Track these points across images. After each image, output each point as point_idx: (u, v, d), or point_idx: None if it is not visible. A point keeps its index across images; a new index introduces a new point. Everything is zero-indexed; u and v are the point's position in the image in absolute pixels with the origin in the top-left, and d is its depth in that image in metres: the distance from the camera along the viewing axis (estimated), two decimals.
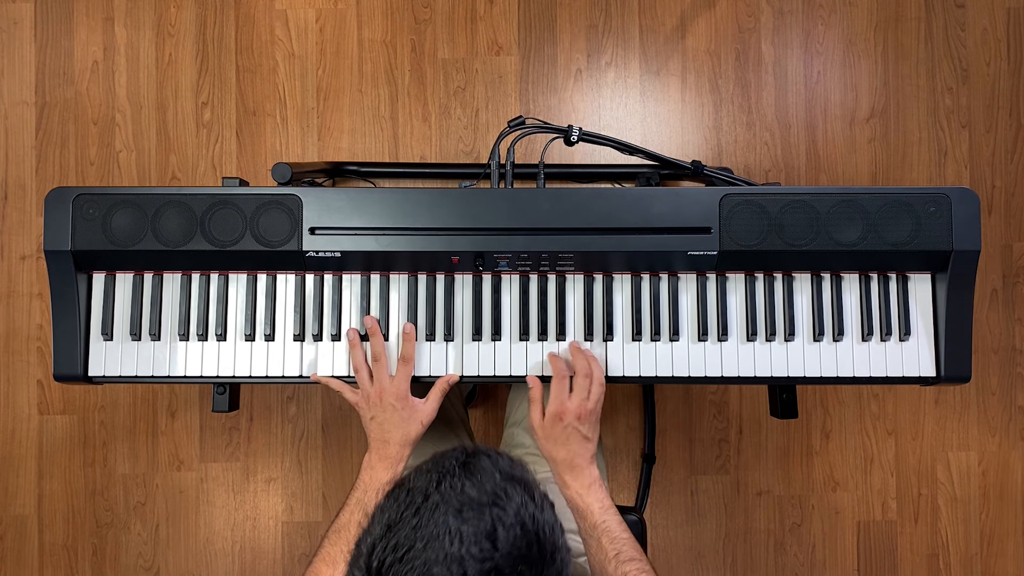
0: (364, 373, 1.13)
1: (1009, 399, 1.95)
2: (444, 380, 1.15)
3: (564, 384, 1.11)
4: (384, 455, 1.10)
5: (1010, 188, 1.96)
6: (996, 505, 1.95)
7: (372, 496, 1.06)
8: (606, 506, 1.06)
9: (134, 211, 1.12)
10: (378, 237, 1.12)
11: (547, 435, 1.10)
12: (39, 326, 1.95)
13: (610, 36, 1.99)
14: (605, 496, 1.08)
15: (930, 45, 1.98)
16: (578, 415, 1.09)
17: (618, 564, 1.00)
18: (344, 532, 1.04)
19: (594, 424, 1.11)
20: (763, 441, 1.95)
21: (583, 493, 1.07)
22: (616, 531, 1.04)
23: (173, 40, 1.98)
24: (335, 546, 1.03)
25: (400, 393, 1.11)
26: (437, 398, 1.14)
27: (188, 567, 1.94)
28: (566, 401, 1.10)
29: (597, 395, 1.11)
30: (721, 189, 1.13)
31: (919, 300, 1.18)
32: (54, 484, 1.94)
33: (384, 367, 1.12)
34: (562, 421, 1.09)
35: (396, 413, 1.10)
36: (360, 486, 1.09)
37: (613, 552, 1.01)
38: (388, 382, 1.12)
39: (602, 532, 1.04)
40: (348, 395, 1.14)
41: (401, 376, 1.12)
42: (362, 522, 1.03)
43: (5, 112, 1.97)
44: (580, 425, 1.09)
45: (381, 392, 1.11)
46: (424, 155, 1.97)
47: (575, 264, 1.16)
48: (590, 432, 1.10)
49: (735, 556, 1.94)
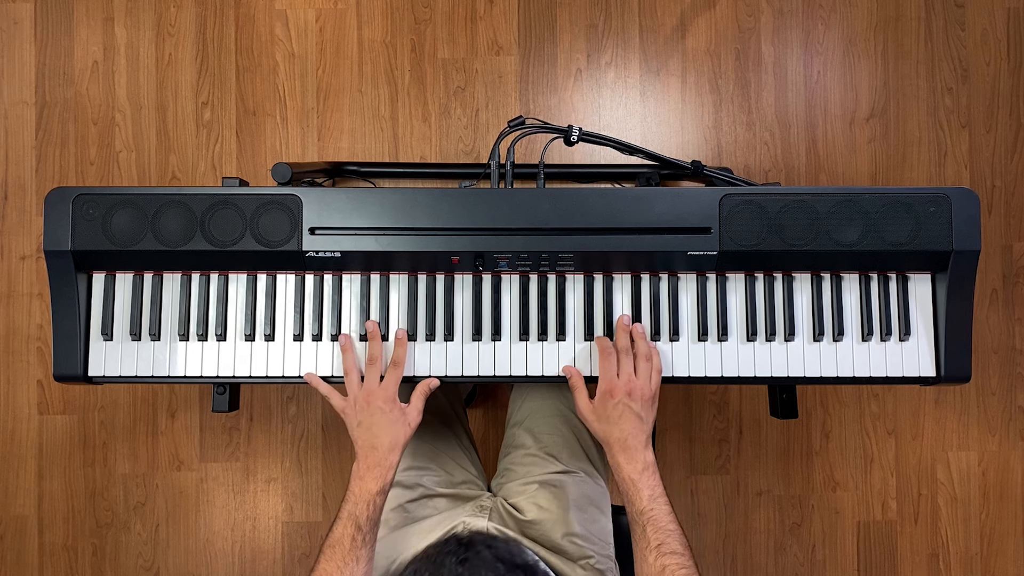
0: (354, 376, 1.12)
1: (1009, 399, 1.95)
2: (424, 384, 1.14)
3: (612, 361, 1.10)
4: (373, 462, 1.08)
5: (1010, 188, 1.96)
6: (996, 505, 1.95)
7: (363, 508, 1.05)
8: (656, 494, 1.04)
9: (134, 211, 1.12)
10: (378, 237, 1.12)
11: (599, 415, 1.09)
12: (39, 326, 1.95)
13: (610, 36, 1.99)
14: (657, 483, 1.05)
15: (930, 45, 1.98)
16: (629, 391, 1.08)
17: (659, 555, 0.99)
18: (339, 547, 1.03)
19: (647, 404, 1.09)
20: (763, 441, 1.95)
21: (635, 477, 1.05)
22: (663, 521, 1.02)
23: (173, 40, 1.98)
24: (331, 562, 1.02)
25: (389, 396, 1.10)
26: (420, 400, 1.13)
27: (188, 567, 1.94)
28: (615, 378, 1.09)
29: (646, 372, 1.10)
30: (721, 189, 1.13)
31: (919, 300, 1.18)
32: (54, 484, 1.94)
33: (378, 371, 1.12)
34: (613, 398, 1.08)
35: (384, 416, 1.09)
36: (351, 498, 1.07)
37: (656, 542, 1.00)
38: (377, 385, 1.11)
39: (648, 520, 1.02)
40: (335, 400, 1.13)
41: (390, 380, 1.11)
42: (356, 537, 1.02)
43: (5, 112, 1.97)
44: (632, 402, 1.07)
45: (369, 395, 1.10)
46: (424, 155, 1.97)
47: (575, 264, 1.16)
48: (644, 412, 1.08)
49: (735, 556, 1.94)
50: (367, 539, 1.04)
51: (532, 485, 1.25)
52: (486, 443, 1.96)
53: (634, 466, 1.06)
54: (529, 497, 1.23)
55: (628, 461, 1.06)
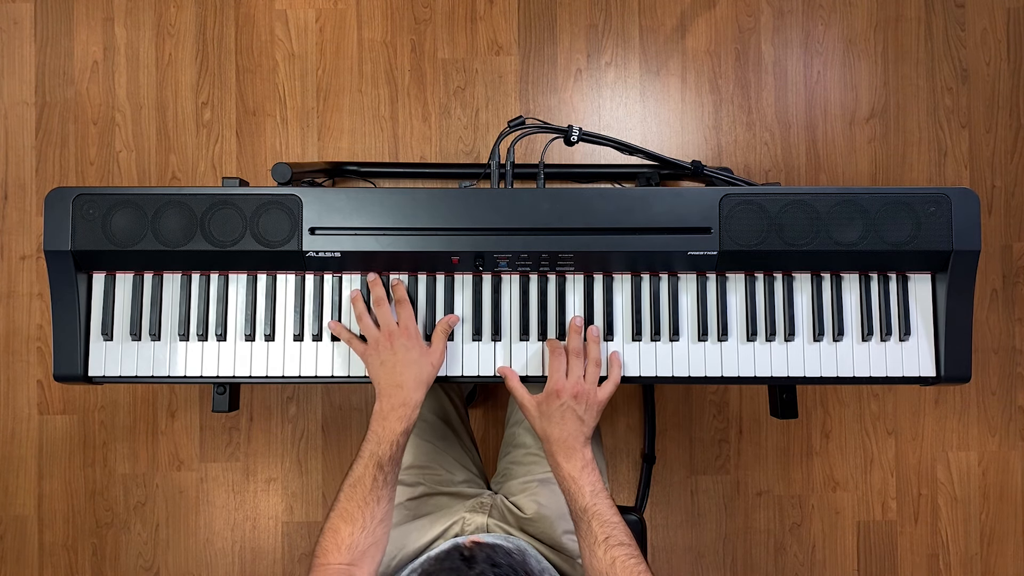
0: (368, 319, 1.12)
1: (1009, 399, 1.95)
2: (444, 321, 1.14)
3: (560, 361, 1.10)
4: (398, 401, 1.07)
5: (1010, 188, 1.96)
6: (996, 505, 1.95)
7: (387, 448, 1.04)
8: (597, 489, 1.05)
9: (134, 211, 1.12)
10: (378, 237, 1.12)
11: (541, 412, 1.09)
12: (39, 326, 1.95)
13: (610, 36, 1.99)
14: (597, 479, 1.06)
15: (930, 45, 1.98)
16: (575, 394, 1.08)
17: (608, 548, 0.99)
18: (359, 486, 1.02)
19: (592, 408, 1.09)
20: (763, 441, 1.95)
21: (575, 475, 1.05)
22: (607, 515, 1.02)
23: (173, 40, 1.98)
24: (351, 501, 1.01)
25: (410, 331, 1.10)
26: (441, 340, 1.13)
27: (188, 567, 1.94)
28: (562, 379, 1.09)
29: (594, 376, 1.10)
30: (721, 189, 1.13)
31: (919, 300, 1.18)
32: (54, 484, 1.94)
33: (387, 310, 1.12)
34: (559, 398, 1.08)
35: (408, 352, 1.09)
36: (373, 438, 1.05)
37: (603, 535, 1.00)
38: (394, 324, 1.11)
39: (592, 515, 1.02)
40: (356, 345, 1.13)
41: (405, 316, 1.11)
42: (377, 476, 1.02)
43: (5, 112, 1.97)
44: (576, 404, 1.08)
45: (391, 333, 1.10)
46: (424, 155, 1.97)
47: (575, 264, 1.16)
48: (585, 415, 1.08)
49: (735, 556, 1.94)
50: (388, 479, 1.04)
51: (532, 483, 1.26)
52: (486, 442, 1.97)
53: (573, 464, 1.06)
54: (529, 495, 1.24)
55: (567, 460, 1.07)
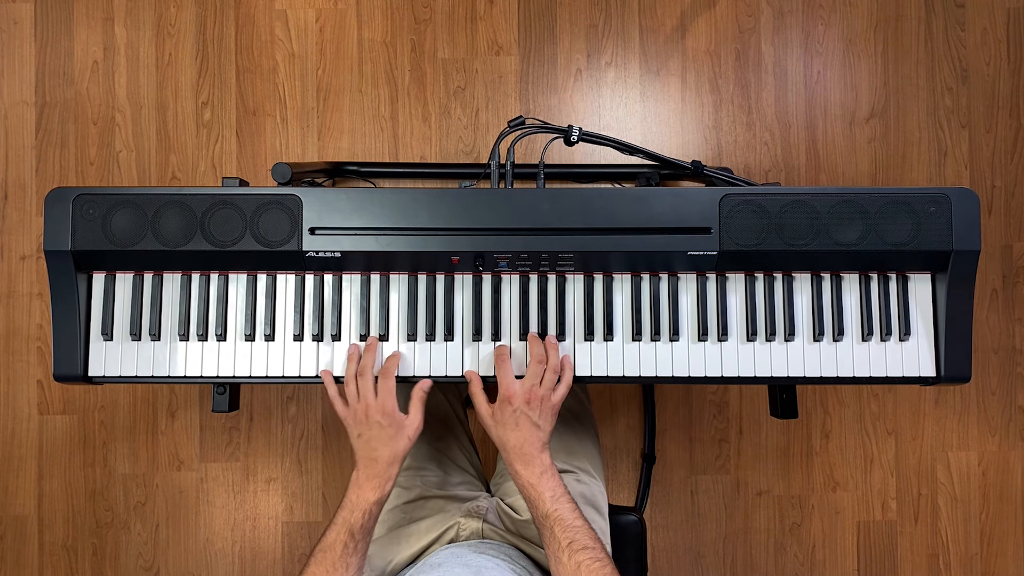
0: (352, 387, 1.12)
1: (1009, 399, 1.95)
2: (419, 388, 1.13)
3: (507, 367, 1.10)
4: (372, 473, 1.08)
5: (1010, 188, 1.96)
6: (996, 505, 1.95)
7: (359, 516, 1.05)
8: (558, 494, 1.04)
9: (134, 211, 1.12)
10: (378, 237, 1.12)
11: (496, 420, 1.09)
12: (39, 326, 1.95)
13: (610, 36, 1.99)
14: (558, 484, 1.06)
15: (930, 45, 1.98)
16: (527, 399, 1.08)
17: (572, 553, 0.98)
18: (330, 552, 1.03)
19: (546, 412, 1.09)
20: (763, 441, 1.95)
21: (534, 482, 1.05)
22: (569, 519, 1.02)
23: (173, 40, 1.98)
24: (320, 566, 1.02)
25: (386, 409, 1.09)
26: (418, 408, 1.12)
27: (188, 567, 1.94)
28: (512, 384, 1.09)
29: (551, 381, 1.10)
30: (721, 189, 1.13)
31: (919, 300, 1.18)
32: (54, 484, 1.94)
33: (369, 381, 1.11)
34: (511, 405, 1.08)
35: (383, 430, 1.09)
36: (347, 505, 1.07)
37: (567, 540, 1.00)
38: (373, 398, 1.10)
39: (554, 521, 1.02)
40: (339, 408, 1.13)
41: (384, 392, 1.10)
42: (348, 544, 1.03)
43: (5, 112, 1.97)
44: (529, 410, 1.07)
45: (367, 409, 1.09)
46: (424, 155, 1.97)
47: (575, 264, 1.16)
48: (540, 420, 1.08)
49: (735, 556, 1.94)
50: (359, 547, 1.05)
51: None
52: (486, 443, 1.96)
53: (532, 471, 1.06)
54: None
55: (525, 467, 1.06)
